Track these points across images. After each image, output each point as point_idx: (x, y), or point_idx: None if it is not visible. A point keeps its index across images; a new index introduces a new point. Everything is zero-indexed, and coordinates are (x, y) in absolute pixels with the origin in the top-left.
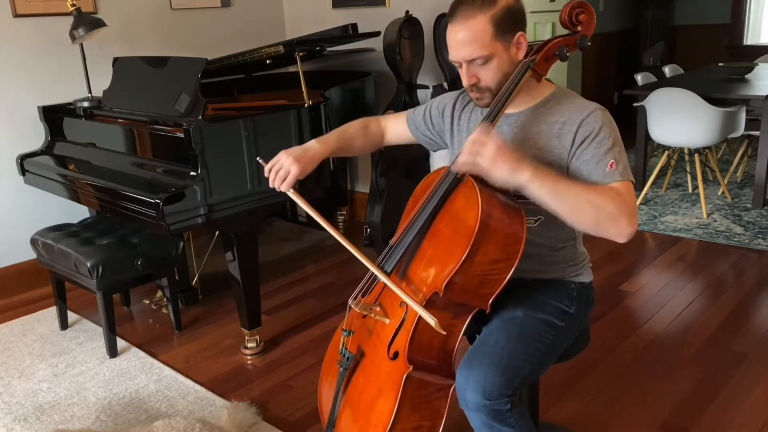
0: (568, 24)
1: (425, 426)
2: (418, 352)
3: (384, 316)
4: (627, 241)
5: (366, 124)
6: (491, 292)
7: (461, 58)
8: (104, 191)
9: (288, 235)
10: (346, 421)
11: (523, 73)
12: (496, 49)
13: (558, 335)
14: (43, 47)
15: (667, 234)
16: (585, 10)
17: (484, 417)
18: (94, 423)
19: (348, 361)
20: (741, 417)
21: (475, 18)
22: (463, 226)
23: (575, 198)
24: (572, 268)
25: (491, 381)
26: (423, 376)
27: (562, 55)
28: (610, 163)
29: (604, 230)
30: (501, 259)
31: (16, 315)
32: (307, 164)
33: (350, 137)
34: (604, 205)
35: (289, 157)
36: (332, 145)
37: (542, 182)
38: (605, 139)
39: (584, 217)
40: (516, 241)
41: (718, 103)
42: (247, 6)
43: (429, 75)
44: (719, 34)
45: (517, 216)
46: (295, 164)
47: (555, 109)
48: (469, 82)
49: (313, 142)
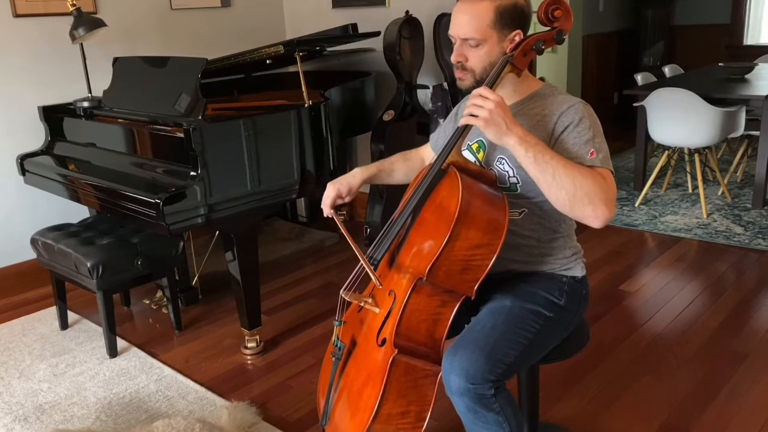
0: (545, 20)
1: (412, 411)
2: (405, 337)
3: (374, 306)
4: (602, 227)
5: (406, 154)
6: (475, 278)
7: (457, 34)
8: (104, 191)
9: (288, 235)
10: (339, 410)
11: (503, 67)
12: (490, 37)
13: (546, 325)
14: (43, 47)
15: (667, 234)
16: (560, 6)
17: (467, 401)
18: (94, 423)
19: (340, 351)
20: (741, 417)
21: (482, 1)
22: (445, 212)
23: (557, 169)
24: (562, 261)
25: (475, 365)
26: (410, 361)
27: (539, 49)
28: (591, 151)
29: (579, 208)
30: (483, 244)
31: (16, 315)
32: (343, 187)
33: (391, 163)
34: (583, 182)
35: (331, 183)
36: (372, 169)
37: (528, 147)
38: (585, 129)
39: (563, 191)
40: (498, 227)
41: (718, 103)
42: (247, 6)
43: (429, 75)
44: (719, 34)
45: (499, 203)
46: (332, 187)
47: (538, 103)
48: (456, 59)
49: (357, 168)
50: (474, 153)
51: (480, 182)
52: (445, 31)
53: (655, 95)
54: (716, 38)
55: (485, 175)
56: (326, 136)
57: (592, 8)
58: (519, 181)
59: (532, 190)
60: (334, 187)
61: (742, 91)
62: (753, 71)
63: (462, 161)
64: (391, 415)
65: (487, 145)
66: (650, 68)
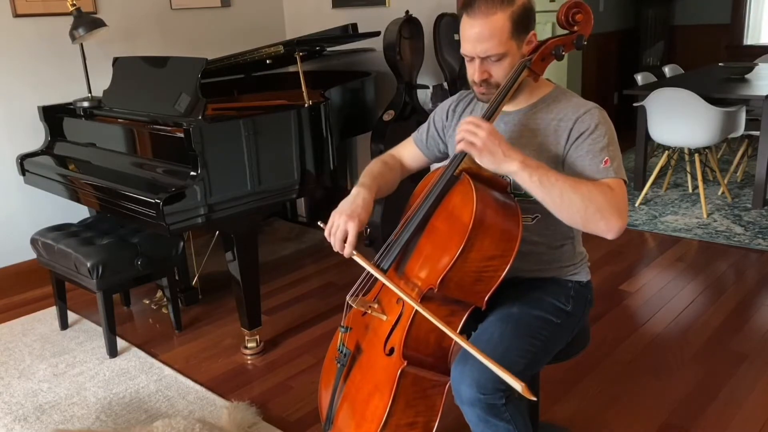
0: (565, 24)
1: (420, 422)
2: (413, 348)
3: (381, 313)
4: (616, 238)
5: (383, 159)
6: (487, 290)
7: (476, 53)
8: (104, 191)
9: (288, 235)
10: (343, 417)
11: (519, 72)
12: (512, 47)
13: (554, 332)
14: (43, 47)
15: (667, 234)
16: (581, 9)
17: (479, 411)
18: (94, 423)
19: (345, 357)
20: (741, 417)
21: (495, 15)
22: (458, 222)
23: (564, 190)
24: (570, 267)
25: (486, 375)
26: (418, 372)
27: (558, 55)
28: (605, 159)
29: (592, 224)
30: (496, 255)
31: (16, 315)
32: (362, 214)
33: (380, 174)
34: (593, 198)
35: (342, 216)
36: (372, 186)
37: (532, 171)
38: (601, 136)
39: (573, 210)
40: (511, 237)
41: (718, 103)
42: (247, 6)
43: (429, 75)
44: (719, 34)
45: (513, 213)
46: (351, 222)
47: (552, 107)
48: (480, 78)
49: (356, 189)
50: None
51: (493, 190)
52: (445, 31)
53: (655, 95)
54: (716, 38)
55: (498, 183)
56: (326, 136)
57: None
58: None
59: None
60: (354, 222)
61: (742, 91)
62: (753, 71)
63: (475, 168)
64: (399, 425)
65: None
66: (650, 68)
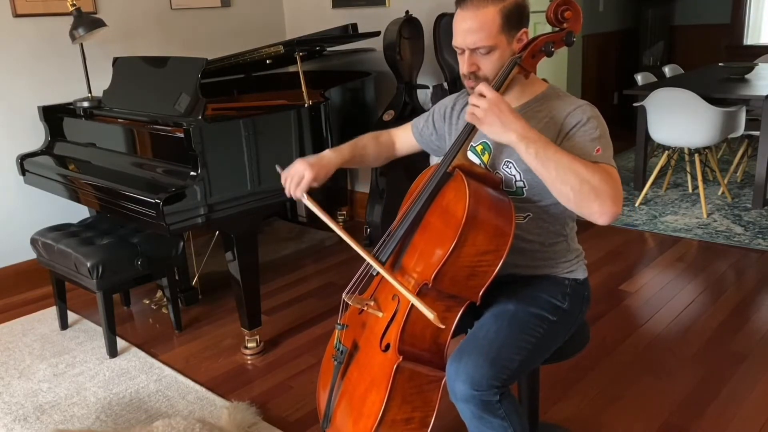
0: (555, 21)
1: (416, 417)
2: (409, 343)
3: (377, 310)
4: (607, 224)
5: (377, 134)
6: (481, 284)
7: (466, 45)
8: (104, 191)
9: (288, 235)
10: (341, 414)
11: (510, 69)
12: (501, 42)
13: (550, 329)
14: (43, 47)
15: (667, 234)
16: (570, 7)
17: (473, 408)
18: (94, 423)
19: (342, 354)
20: (741, 417)
21: (486, 8)
22: (451, 217)
23: (562, 165)
24: (565, 264)
25: (480, 372)
26: (414, 368)
27: (548, 51)
28: (597, 148)
29: (586, 204)
30: (490, 250)
31: (16, 315)
32: (321, 171)
33: (363, 146)
34: (589, 177)
35: (303, 163)
36: (345, 153)
37: (529, 143)
38: (593, 129)
39: (568, 186)
40: (504, 233)
41: (718, 103)
42: (247, 6)
43: (429, 75)
44: (719, 34)
45: (506, 209)
46: (309, 169)
47: (545, 105)
48: (468, 70)
49: (327, 150)
50: (478, 155)
51: (486, 186)
52: (445, 31)
53: (655, 95)
54: (716, 38)
55: (490, 179)
56: (326, 136)
57: (592, 8)
58: (525, 185)
59: (539, 194)
60: (312, 170)
61: (742, 91)
62: (753, 71)
63: (467, 164)
64: (396, 421)
65: (492, 148)
66: (650, 68)
